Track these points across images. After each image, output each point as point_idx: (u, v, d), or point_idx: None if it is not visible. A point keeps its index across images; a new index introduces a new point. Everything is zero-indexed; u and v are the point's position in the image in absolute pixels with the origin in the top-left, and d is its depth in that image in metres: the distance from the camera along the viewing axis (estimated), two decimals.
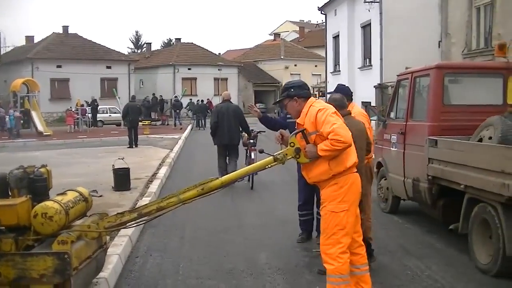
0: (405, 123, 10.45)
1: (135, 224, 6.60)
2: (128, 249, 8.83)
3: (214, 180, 6.24)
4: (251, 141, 15.31)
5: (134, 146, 26.98)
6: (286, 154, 6.02)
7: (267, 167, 6.24)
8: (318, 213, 8.94)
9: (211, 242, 9.57)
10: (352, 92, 8.92)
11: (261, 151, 6.64)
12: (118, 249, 8.36)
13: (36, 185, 6.32)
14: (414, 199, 10.23)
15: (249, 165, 12.34)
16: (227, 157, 15.57)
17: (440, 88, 9.57)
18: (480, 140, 8.46)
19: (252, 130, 15.53)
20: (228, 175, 6.36)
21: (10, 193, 6.16)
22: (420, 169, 9.49)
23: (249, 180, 15.06)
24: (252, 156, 14.76)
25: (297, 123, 6.22)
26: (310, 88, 40.34)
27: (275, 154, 6.12)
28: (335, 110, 6.14)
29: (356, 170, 6.09)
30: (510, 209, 7.04)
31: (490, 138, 8.23)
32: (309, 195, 9.28)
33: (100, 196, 12.76)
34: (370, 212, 8.74)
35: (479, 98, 9.94)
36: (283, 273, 7.66)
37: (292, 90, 6.28)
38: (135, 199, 12.72)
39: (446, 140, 8.71)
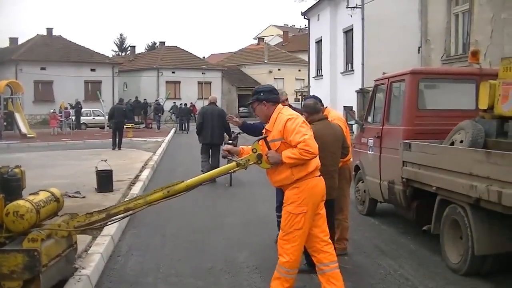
0: (381, 127, 10.70)
1: (103, 224, 6.79)
2: (110, 248, 9.03)
3: (179, 183, 6.48)
4: (231, 141, 15.38)
5: (117, 148, 27.14)
6: (248, 160, 6.29)
7: (231, 171, 6.53)
8: None
9: (191, 241, 9.80)
10: (319, 99, 9.13)
11: (224, 157, 6.85)
12: (100, 248, 8.56)
13: (10, 185, 6.58)
14: (389, 201, 10.47)
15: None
16: (209, 156, 16.64)
17: (414, 93, 9.84)
18: (452, 143, 8.74)
19: (233, 132, 15.63)
20: (192, 179, 6.55)
21: None
22: (395, 172, 9.74)
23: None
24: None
25: (265, 129, 6.44)
26: (294, 92, 40.63)
27: (237, 159, 6.38)
28: (304, 119, 6.37)
29: (319, 174, 6.35)
30: (478, 210, 7.29)
31: (461, 141, 8.51)
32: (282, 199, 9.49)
33: (83, 197, 12.99)
34: (348, 213, 9.04)
35: (453, 103, 10.19)
36: (259, 271, 7.87)
37: (261, 94, 6.51)
38: (118, 200, 12.86)
39: (419, 144, 8.98)
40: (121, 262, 8.54)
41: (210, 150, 16.73)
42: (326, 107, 9.12)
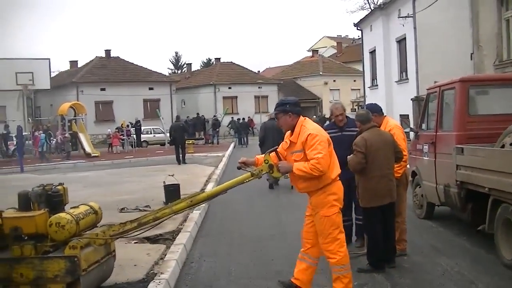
0: (435, 133, 11.17)
1: (136, 232, 7.47)
2: (184, 256, 9.70)
3: (201, 194, 7.26)
4: None
5: (182, 163, 28.23)
6: (262, 170, 6.93)
7: (245, 181, 7.12)
8: (357, 219, 9.77)
9: (257, 248, 10.40)
10: (381, 108, 9.80)
11: (239, 168, 7.33)
12: (175, 255, 9.26)
13: (53, 200, 7.37)
14: (446, 204, 10.88)
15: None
16: None
17: (464, 100, 10.29)
18: (503, 146, 9.05)
19: None
20: (212, 189, 7.32)
21: (32, 207, 7.19)
22: (449, 176, 10.13)
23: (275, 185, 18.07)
24: None
25: (290, 141, 7.02)
26: (350, 102, 41.10)
27: (251, 170, 7.02)
28: (327, 137, 6.94)
29: (338, 179, 6.97)
30: None
31: (511, 144, 8.90)
32: (347, 202, 9.93)
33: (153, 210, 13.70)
34: (406, 216, 9.52)
35: (502, 107, 10.61)
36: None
37: (288, 106, 7.11)
38: (186, 213, 13.54)
39: (470, 148, 9.40)
40: (195, 268, 9.20)
41: None
42: (385, 116, 9.72)
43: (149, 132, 52.02)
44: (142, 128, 50.69)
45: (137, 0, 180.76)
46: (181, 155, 28.85)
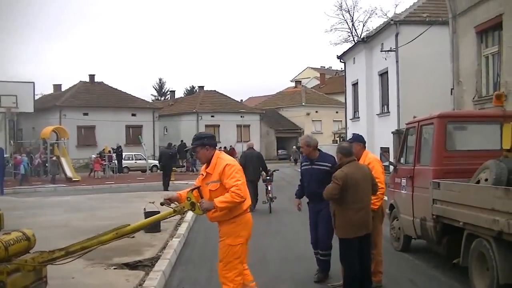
0: (413, 167, 11.38)
1: (63, 260, 7.55)
2: (162, 282, 9.77)
3: (126, 227, 7.44)
4: (268, 177, 20.63)
5: (166, 189, 28.43)
6: (184, 207, 7.21)
7: (168, 217, 7.47)
8: (320, 254, 9.91)
9: None
10: (365, 141, 10.13)
11: (162, 204, 7.55)
12: (154, 282, 9.34)
13: None
14: (422, 237, 11.00)
15: (267, 194, 18.21)
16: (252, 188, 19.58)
17: (442, 135, 10.52)
18: (478, 182, 9.23)
19: (269, 170, 21.08)
20: (137, 223, 7.56)
21: None
22: (426, 209, 10.28)
23: (268, 204, 19.76)
24: (269, 188, 20.19)
25: (207, 172, 7.36)
26: (332, 134, 41.71)
27: (174, 207, 7.28)
28: (240, 168, 7.39)
29: (248, 211, 7.37)
30: (501, 242, 7.83)
31: (486, 180, 9.04)
32: (316, 236, 10.02)
33: (133, 237, 13.69)
34: (381, 248, 9.66)
35: (479, 143, 10.85)
36: None
37: (205, 139, 7.56)
38: (166, 239, 13.64)
39: (446, 182, 9.59)
40: None
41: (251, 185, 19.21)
42: (365, 150, 10.04)
43: (130, 158, 51.94)
44: (124, 154, 50.62)
45: (123, 27, 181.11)
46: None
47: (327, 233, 9.59)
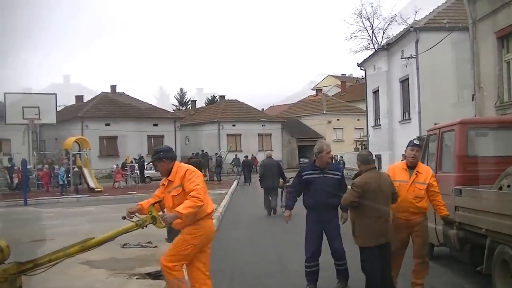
0: (434, 174, 11.30)
1: (32, 272, 7.51)
2: None
3: (91, 240, 7.50)
4: (286, 184, 21.01)
5: None
6: (145, 221, 7.37)
7: (129, 231, 7.56)
8: (337, 264, 9.83)
9: (258, 286, 10.51)
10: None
11: (124, 218, 7.72)
12: None
13: None
14: (444, 244, 10.96)
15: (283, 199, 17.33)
16: (270, 196, 22.34)
17: (464, 142, 10.47)
18: (500, 188, 9.19)
19: (286, 177, 22.05)
20: (102, 236, 7.57)
21: None
22: None
23: (273, 213, 21.90)
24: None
25: (168, 180, 7.65)
26: (353, 141, 41.45)
27: (136, 220, 7.42)
28: (200, 174, 7.76)
29: (211, 217, 7.70)
30: None
31: (508, 186, 9.00)
32: (317, 248, 9.90)
33: (155, 246, 13.86)
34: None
35: (501, 149, 10.79)
36: None
37: (161, 153, 7.83)
38: None
39: (469, 189, 9.54)
40: None
41: (269, 192, 22.30)
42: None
43: (152, 168, 51.91)
44: (146, 164, 50.75)
45: (145, 38, 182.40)
46: None
47: (341, 241, 9.70)
